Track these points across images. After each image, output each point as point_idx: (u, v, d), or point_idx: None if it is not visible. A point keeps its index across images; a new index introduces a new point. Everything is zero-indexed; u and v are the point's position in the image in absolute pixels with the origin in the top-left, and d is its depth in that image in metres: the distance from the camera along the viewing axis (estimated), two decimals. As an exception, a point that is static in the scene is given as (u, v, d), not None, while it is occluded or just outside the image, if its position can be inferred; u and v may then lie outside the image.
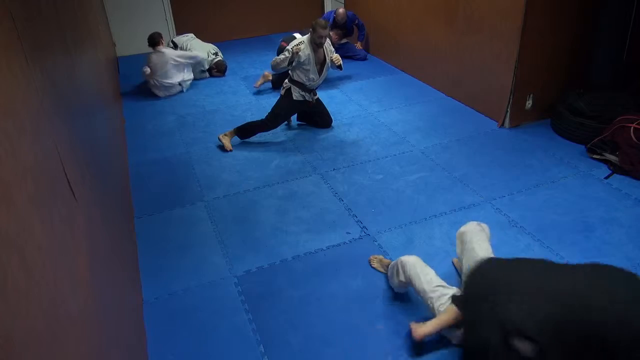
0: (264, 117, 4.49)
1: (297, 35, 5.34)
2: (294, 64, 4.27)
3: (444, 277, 2.50)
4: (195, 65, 5.92)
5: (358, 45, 6.57)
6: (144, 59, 5.77)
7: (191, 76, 5.89)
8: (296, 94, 4.42)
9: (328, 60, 4.38)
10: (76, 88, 2.43)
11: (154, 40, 5.58)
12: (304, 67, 4.28)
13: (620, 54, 4.14)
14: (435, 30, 5.28)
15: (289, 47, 4.27)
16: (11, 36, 1.34)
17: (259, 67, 6.45)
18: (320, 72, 4.38)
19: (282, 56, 4.27)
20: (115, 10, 6.78)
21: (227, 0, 7.46)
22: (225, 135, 4.46)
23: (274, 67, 4.38)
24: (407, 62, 6.00)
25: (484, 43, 4.60)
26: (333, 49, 4.48)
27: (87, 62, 3.16)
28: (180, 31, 6.99)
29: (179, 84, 5.72)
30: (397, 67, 6.20)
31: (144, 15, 7.06)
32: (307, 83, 4.37)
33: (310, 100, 4.51)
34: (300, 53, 4.20)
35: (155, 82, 5.61)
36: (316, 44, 4.23)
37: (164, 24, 7.26)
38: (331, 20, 6.19)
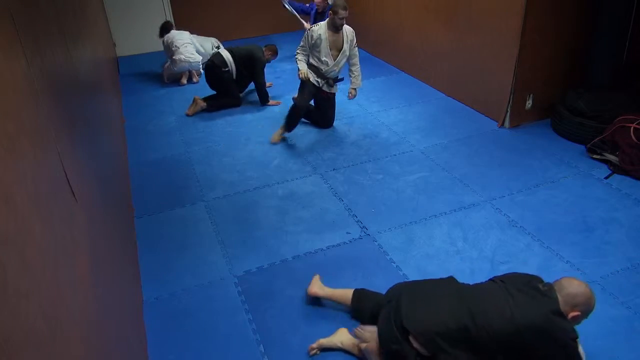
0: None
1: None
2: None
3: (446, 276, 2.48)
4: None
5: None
6: (144, 59, 5.78)
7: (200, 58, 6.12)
8: (312, 78, 4.41)
9: (346, 48, 4.31)
10: (76, 88, 2.43)
11: (167, 27, 5.95)
12: (316, 48, 4.28)
13: (620, 54, 4.14)
14: (435, 30, 5.28)
15: (307, 32, 4.30)
16: (11, 36, 1.34)
17: (259, 67, 6.45)
18: (335, 57, 4.33)
19: (300, 49, 4.39)
20: (115, 10, 6.78)
21: (227, 0, 7.45)
22: (278, 133, 4.50)
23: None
24: (407, 62, 6.00)
25: (484, 43, 4.60)
26: (354, 40, 4.39)
27: (87, 62, 3.16)
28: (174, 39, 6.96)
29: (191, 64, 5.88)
30: (397, 67, 6.20)
31: (143, 16, 7.05)
32: (322, 67, 4.34)
33: (326, 90, 4.49)
34: (312, 33, 4.22)
35: (180, 56, 5.73)
36: (335, 27, 4.20)
37: (164, 24, 7.25)
38: (314, 9, 6.31)
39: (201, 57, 5.94)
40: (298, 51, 4.40)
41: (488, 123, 4.67)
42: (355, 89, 4.53)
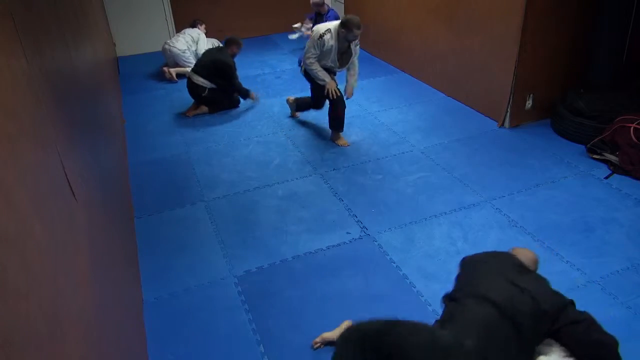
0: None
1: None
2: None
3: (447, 276, 2.48)
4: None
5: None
6: (144, 59, 5.80)
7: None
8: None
9: (353, 50, 4.26)
10: (76, 88, 2.43)
11: (192, 23, 6.47)
12: (325, 56, 4.21)
13: (620, 54, 4.14)
14: (435, 30, 5.28)
15: (316, 34, 4.16)
16: (11, 36, 1.34)
17: (258, 67, 6.46)
18: (340, 60, 4.29)
19: (312, 57, 4.20)
20: (115, 10, 6.78)
21: (227, 0, 7.46)
22: (338, 138, 4.45)
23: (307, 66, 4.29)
24: (407, 62, 6.00)
25: (484, 43, 4.60)
26: (357, 41, 4.32)
27: (87, 62, 3.16)
28: (180, 31, 6.99)
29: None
30: (397, 67, 6.20)
31: (144, 15, 7.06)
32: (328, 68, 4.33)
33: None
34: (324, 42, 4.11)
35: (166, 45, 6.15)
36: (347, 41, 4.13)
37: (164, 24, 7.25)
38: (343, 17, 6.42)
39: (179, 51, 6.06)
40: (312, 60, 4.20)
41: (488, 123, 4.67)
42: (352, 87, 4.44)
